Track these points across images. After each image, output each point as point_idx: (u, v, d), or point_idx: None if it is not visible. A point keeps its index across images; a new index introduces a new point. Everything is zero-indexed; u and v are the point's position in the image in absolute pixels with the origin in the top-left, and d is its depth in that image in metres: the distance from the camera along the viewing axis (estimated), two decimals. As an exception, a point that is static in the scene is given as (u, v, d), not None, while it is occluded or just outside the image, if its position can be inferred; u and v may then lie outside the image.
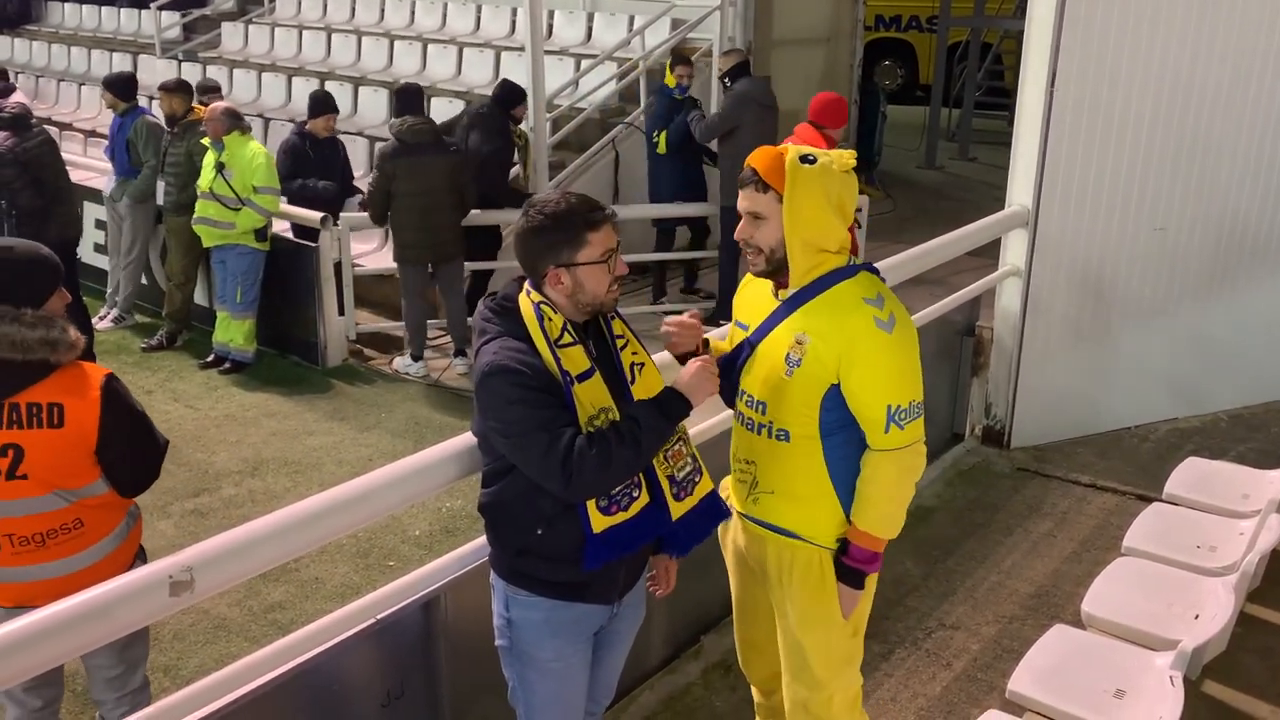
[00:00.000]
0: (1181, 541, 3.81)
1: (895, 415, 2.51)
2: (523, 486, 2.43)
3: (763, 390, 2.64)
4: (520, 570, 2.53)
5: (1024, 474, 5.30)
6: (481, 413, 2.42)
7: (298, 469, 5.77)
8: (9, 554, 2.85)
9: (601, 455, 2.31)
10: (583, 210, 2.42)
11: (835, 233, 2.55)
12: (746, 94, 7.15)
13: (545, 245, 2.41)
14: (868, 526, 2.61)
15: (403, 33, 11.30)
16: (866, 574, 2.67)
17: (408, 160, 6.58)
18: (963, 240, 4.98)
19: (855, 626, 2.76)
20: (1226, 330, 5.75)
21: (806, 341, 2.53)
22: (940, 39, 12.95)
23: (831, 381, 2.53)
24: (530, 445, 2.32)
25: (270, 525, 2.34)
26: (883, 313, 2.49)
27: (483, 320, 2.47)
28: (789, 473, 2.66)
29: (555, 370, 2.37)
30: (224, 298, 7.08)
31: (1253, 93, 5.34)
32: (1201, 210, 5.49)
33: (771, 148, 2.60)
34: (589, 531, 2.41)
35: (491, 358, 2.36)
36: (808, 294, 2.57)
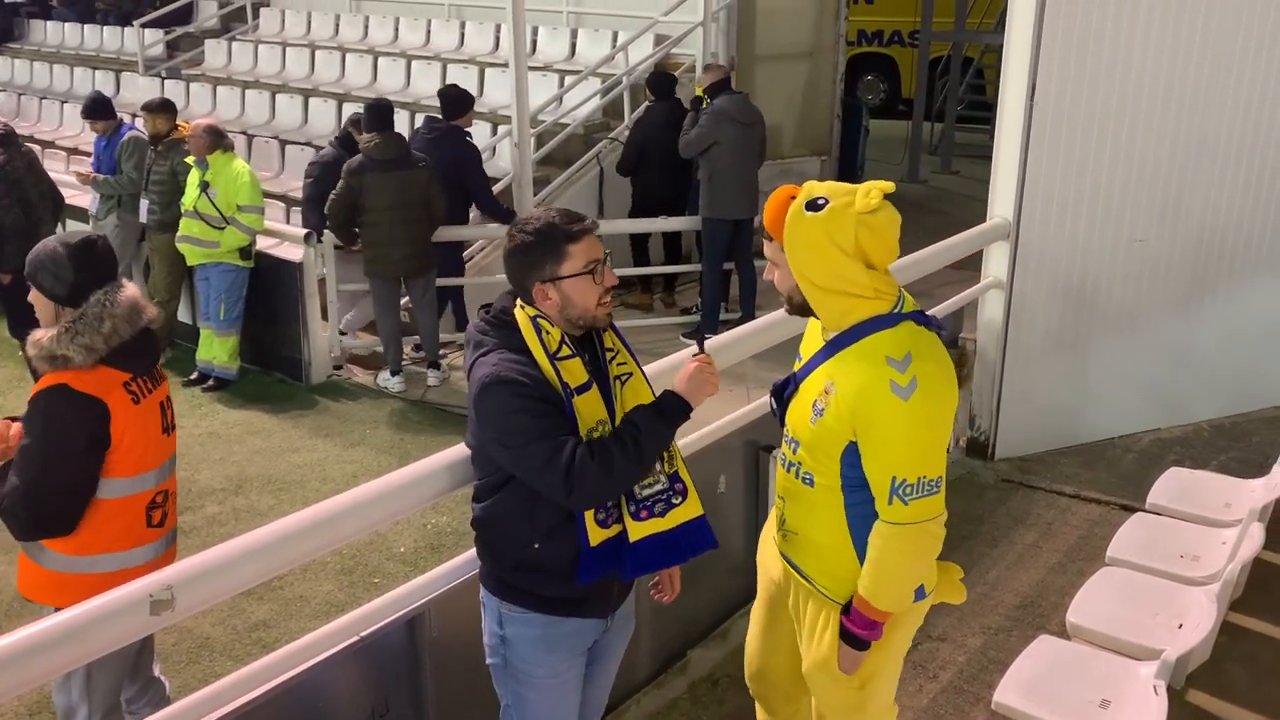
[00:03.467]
0: (1165, 551, 3.83)
1: (899, 489, 2.35)
2: (519, 499, 2.43)
3: (795, 430, 2.58)
4: (515, 585, 2.51)
5: (1009, 485, 5.32)
6: (480, 425, 2.40)
7: (281, 486, 5.74)
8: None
9: (603, 464, 2.31)
10: (562, 224, 2.43)
11: (854, 276, 2.37)
12: (724, 110, 7.19)
13: (529, 262, 2.42)
14: (867, 594, 2.48)
15: (387, 49, 11.30)
16: (866, 640, 2.53)
17: (376, 175, 6.58)
18: (946, 253, 5.00)
19: (863, 681, 2.63)
20: (1207, 340, 5.79)
21: (833, 392, 2.41)
22: (922, 53, 13.06)
23: (849, 439, 2.41)
24: (533, 455, 2.31)
25: (252, 543, 2.33)
26: (903, 377, 2.31)
27: (478, 333, 2.47)
28: (811, 518, 2.58)
29: (555, 382, 2.37)
30: (207, 315, 7.05)
31: (1229, 104, 5.39)
32: (1181, 221, 5.53)
33: (786, 191, 2.44)
34: (585, 545, 2.41)
35: (491, 369, 2.35)
36: (845, 340, 2.43)
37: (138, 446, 2.95)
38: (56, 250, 2.90)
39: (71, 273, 2.88)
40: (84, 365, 2.85)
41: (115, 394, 2.90)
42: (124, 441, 2.91)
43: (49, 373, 2.86)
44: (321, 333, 7.17)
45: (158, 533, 3.08)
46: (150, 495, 3.03)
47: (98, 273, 2.94)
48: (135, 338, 2.97)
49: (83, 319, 2.86)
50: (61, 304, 2.89)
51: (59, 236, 2.99)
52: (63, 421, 2.83)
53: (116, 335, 2.90)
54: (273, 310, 7.14)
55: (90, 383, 2.86)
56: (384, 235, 6.67)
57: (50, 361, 2.85)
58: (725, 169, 7.22)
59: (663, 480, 2.48)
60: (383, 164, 6.58)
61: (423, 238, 6.76)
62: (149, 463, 3.01)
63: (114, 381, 2.91)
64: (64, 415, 2.84)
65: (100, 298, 2.89)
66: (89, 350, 2.85)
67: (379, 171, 6.58)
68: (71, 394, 2.83)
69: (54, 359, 2.84)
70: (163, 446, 3.08)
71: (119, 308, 2.91)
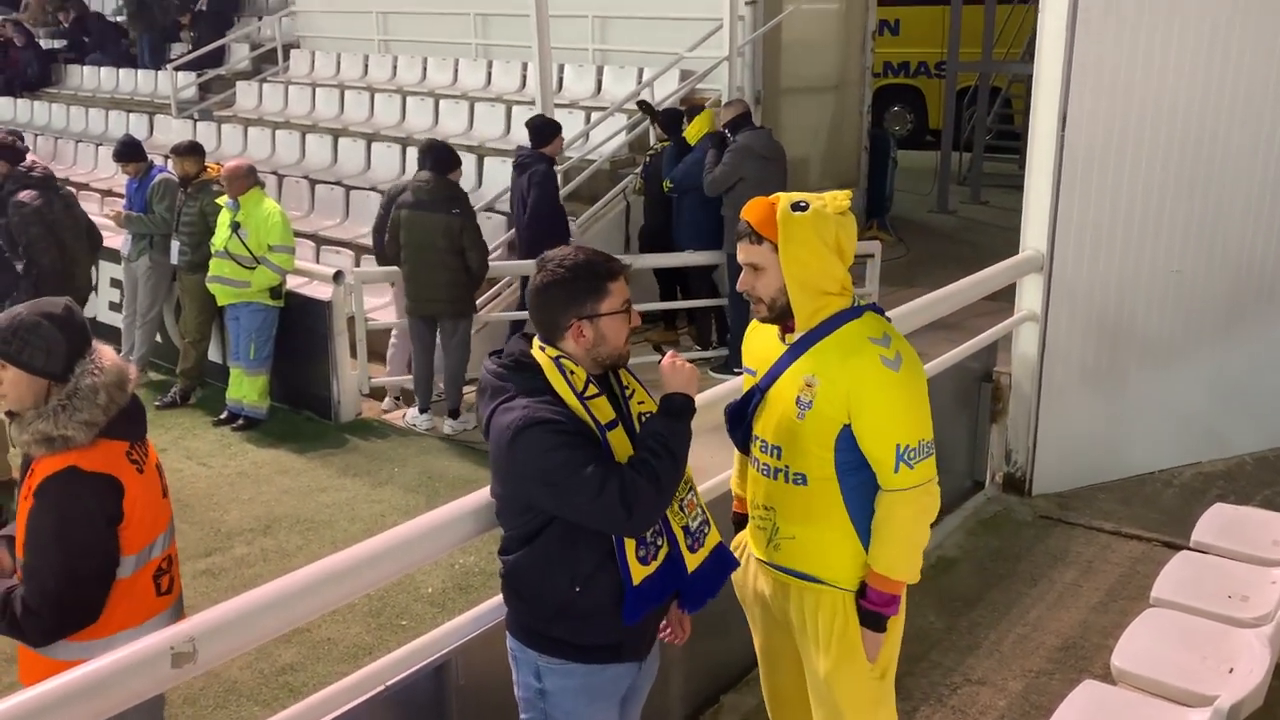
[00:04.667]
0: (1212, 591, 3.70)
1: (904, 455, 2.50)
2: (558, 544, 2.39)
3: (776, 435, 2.64)
4: (554, 636, 2.47)
5: (1047, 522, 5.20)
6: (514, 471, 2.36)
7: (310, 526, 5.72)
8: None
9: (650, 477, 2.30)
10: (601, 260, 2.42)
11: (835, 274, 2.57)
12: (747, 147, 7.17)
13: (568, 297, 2.39)
14: (884, 569, 2.60)
15: (415, 89, 11.42)
16: (886, 617, 2.64)
17: (409, 213, 6.64)
18: (978, 286, 4.94)
19: (883, 669, 2.72)
20: (1247, 371, 5.67)
21: (816, 384, 2.55)
22: (949, 84, 13.02)
23: (843, 422, 2.54)
24: (583, 487, 2.27)
25: (275, 593, 2.29)
26: (889, 351, 2.51)
27: (495, 380, 2.42)
28: (809, 516, 2.64)
29: (587, 419, 2.35)
30: (238, 354, 7.08)
31: (1265, 131, 5.31)
32: (1218, 250, 5.44)
33: (764, 199, 2.61)
34: (629, 584, 2.38)
35: (522, 413, 2.31)
36: (814, 336, 2.59)
37: (147, 517, 2.77)
38: (40, 323, 2.66)
39: (64, 344, 2.67)
40: (85, 443, 2.63)
41: (122, 467, 2.71)
42: (134, 515, 2.71)
43: (46, 457, 2.63)
44: (350, 371, 7.18)
45: (167, 600, 2.90)
46: (157, 563, 2.84)
47: (80, 340, 2.72)
48: (128, 403, 2.77)
49: (77, 394, 2.64)
50: (54, 379, 2.66)
51: (28, 307, 2.72)
52: (82, 506, 2.61)
53: (114, 405, 2.70)
54: (302, 349, 7.16)
55: (98, 460, 2.65)
56: (414, 274, 6.72)
57: (48, 444, 2.62)
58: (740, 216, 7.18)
59: (700, 511, 2.52)
60: (417, 204, 6.63)
61: (454, 284, 6.73)
62: (156, 532, 2.83)
63: (118, 454, 2.71)
64: (81, 499, 2.61)
65: (87, 367, 2.68)
66: (89, 426, 2.64)
67: (412, 210, 6.64)
68: (84, 475, 2.61)
69: (52, 441, 2.61)
70: (163, 511, 2.89)
71: (108, 375, 2.70)
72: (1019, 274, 5.22)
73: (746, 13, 9.21)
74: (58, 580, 2.58)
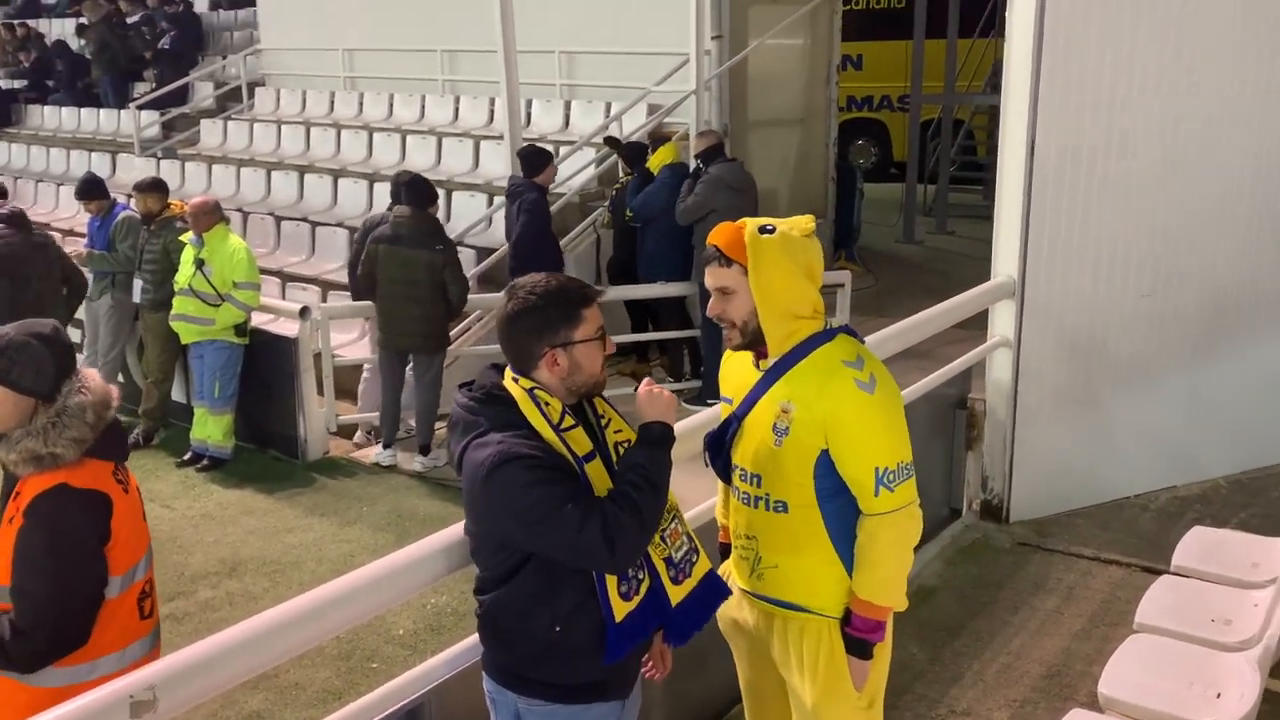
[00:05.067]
0: (1195, 616, 3.66)
1: (884, 477, 2.47)
2: (537, 582, 2.31)
3: (755, 463, 2.59)
4: (534, 678, 2.38)
5: (1025, 549, 5.17)
6: (490, 510, 2.28)
7: (277, 568, 5.58)
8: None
9: (631, 511, 2.23)
10: (574, 286, 2.36)
11: (806, 297, 2.55)
12: (719, 178, 7.17)
13: (540, 325, 2.32)
14: (868, 595, 2.55)
15: (382, 125, 11.38)
16: (872, 644, 2.58)
17: (388, 248, 6.57)
18: (951, 312, 4.92)
19: (870, 698, 2.66)
20: (1219, 394, 5.68)
21: (792, 410, 2.51)
22: (913, 116, 13.14)
23: (821, 447, 2.51)
24: (562, 524, 2.19)
25: (239, 636, 2.19)
26: (863, 374, 2.48)
27: (467, 414, 2.34)
28: (791, 544, 2.60)
29: (564, 452, 2.28)
30: (202, 393, 6.95)
31: (1231, 158, 5.36)
32: (1188, 275, 5.47)
33: (730, 223, 2.59)
34: (611, 621, 2.30)
35: (497, 449, 2.23)
36: (788, 362, 2.55)
37: (132, 538, 2.79)
38: (29, 342, 2.68)
39: (52, 364, 2.69)
40: (74, 460, 2.66)
41: (110, 485, 2.73)
42: (121, 535, 2.73)
43: (34, 475, 2.64)
44: (317, 408, 7.06)
45: (149, 624, 2.92)
46: (140, 586, 2.87)
47: (67, 361, 2.76)
48: (112, 423, 2.81)
49: (65, 412, 2.66)
50: (42, 399, 2.68)
51: (15, 327, 2.76)
52: (73, 523, 2.62)
53: (101, 423, 2.73)
54: (268, 387, 7.04)
55: (87, 478, 2.67)
56: (389, 308, 6.64)
57: (37, 463, 2.63)
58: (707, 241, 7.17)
59: (685, 540, 2.44)
60: (397, 239, 6.56)
61: (430, 318, 6.65)
62: (139, 554, 2.85)
63: (105, 473, 2.74)
64: (72, 515, 2.62)
65: (74, 386, 2.72)
66: (78, 443, 2.66)
67: (391, 245, 6.57)
68: (75, 492, 2.63)
69: (41, 459, 2.62)
70: (144, 534, 2.92)
71: (94, 394, 2.74)
72: (992, 300, 5.22)
73: (713, 47, 9.25)
74: (50, 599, 2.57)
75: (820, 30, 10.46)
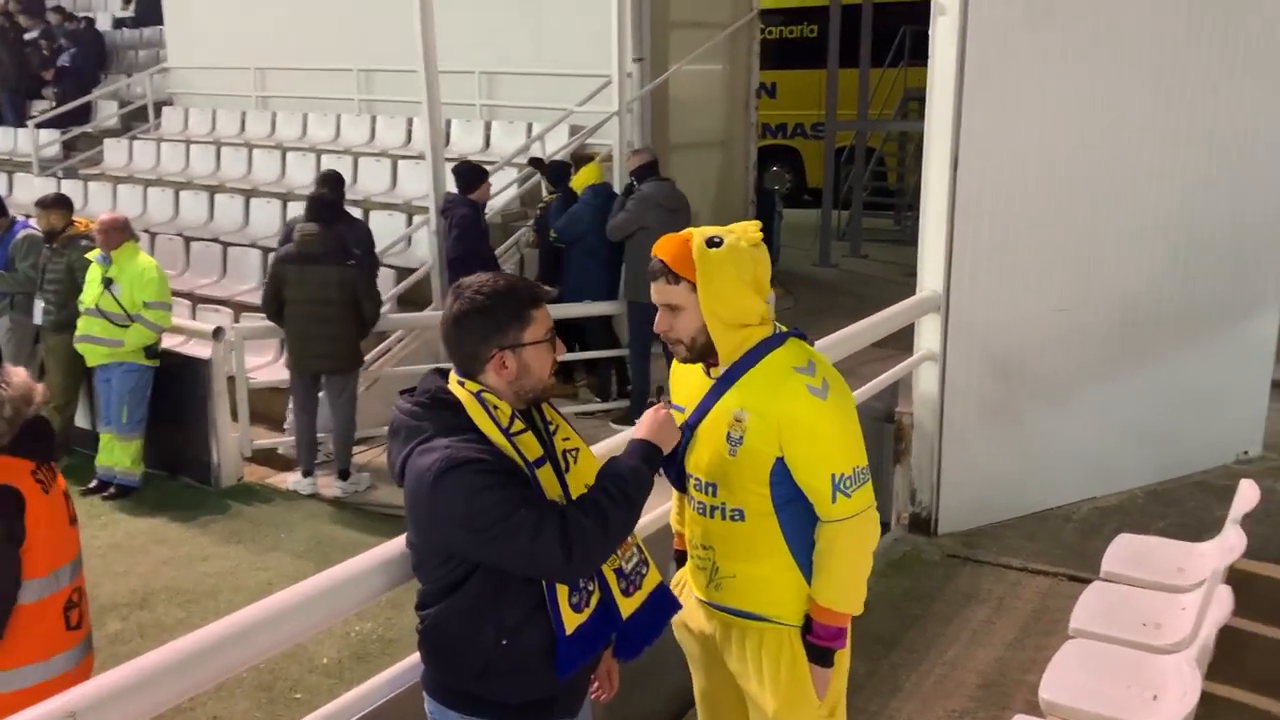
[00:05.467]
0: (1126, 620, 3.72)
1: (840, 483, 2.44)
2: (483, 594, 2.21)
3: (710, 472, 2.54)
4: (480, 696, 2.27)
5: (955, 560, 5.22)
6: (436, 518, 2.16)
7: (191, 598, 5.35)
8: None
9: (597, 519, 2.14)
10: (523, 286, 2.29)
11: (754, 307, 2.50)
12: (650, 196, 7.17)
13: (489, 326, 2.24)
14: (828, 602, 2.52)
15: (295, 144, 11.16)
16: (833, 651, 2.55)
17: (297, 268, 6.37)
18: (880, 326, 4.96)
19: (831, 706, 2.62)
20: (1133, 407, 5.84)
21: (745, 418, 2.46)
22: (828, 143, 13.37)
23: (775, 455, 2.46)
24: (516, 530, 2.08)
25: (170, 657, 2.05)
26: (815, 380, 2.44)
27: (410, 419, 2.24)
28: (749, 553, 2.54)
29: (515, 456, 2.19)
30: (109, 419, 6.65)
31: (1142, 180, 5.53)
32: (1103, 291, 5.61)
33: (676, 235, 2.53)
34: (561, 634, 2.21)
35: (444, 453, 2.12)
36: (739, 369, 2.50)
37: (51, 541, 2.70)
38: None
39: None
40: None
41: (25, 482, 2.66)
42: (38, 535, 2.65)
43: None
44: (231, 433, 6.82)
45: (76, 636, 2.81)
46: (67, 594, 2.77)
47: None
48: (33, 421, 2.73)
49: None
50: None
51: None
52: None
53: (19, 418, 2.65)
54: (179, 411, 6.78)
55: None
56: (301, 330, 6.43)
57: None
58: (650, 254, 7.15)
59: (635, 551, 2.37)
60: (306, 257, 6.36)
61: (344, 338, 6.48)
62: (62, 557, 2.76)
63: (21, 470, 2.67)
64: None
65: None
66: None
67: (300, 264, 6.37)
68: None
69: None
70: (72, 539, 2.84)
71: (13, 390, 2.66)
72: (918, 314, 5.28)
73: (634, 69, 9.27)
74: None
75: (740, 55, 10.59)
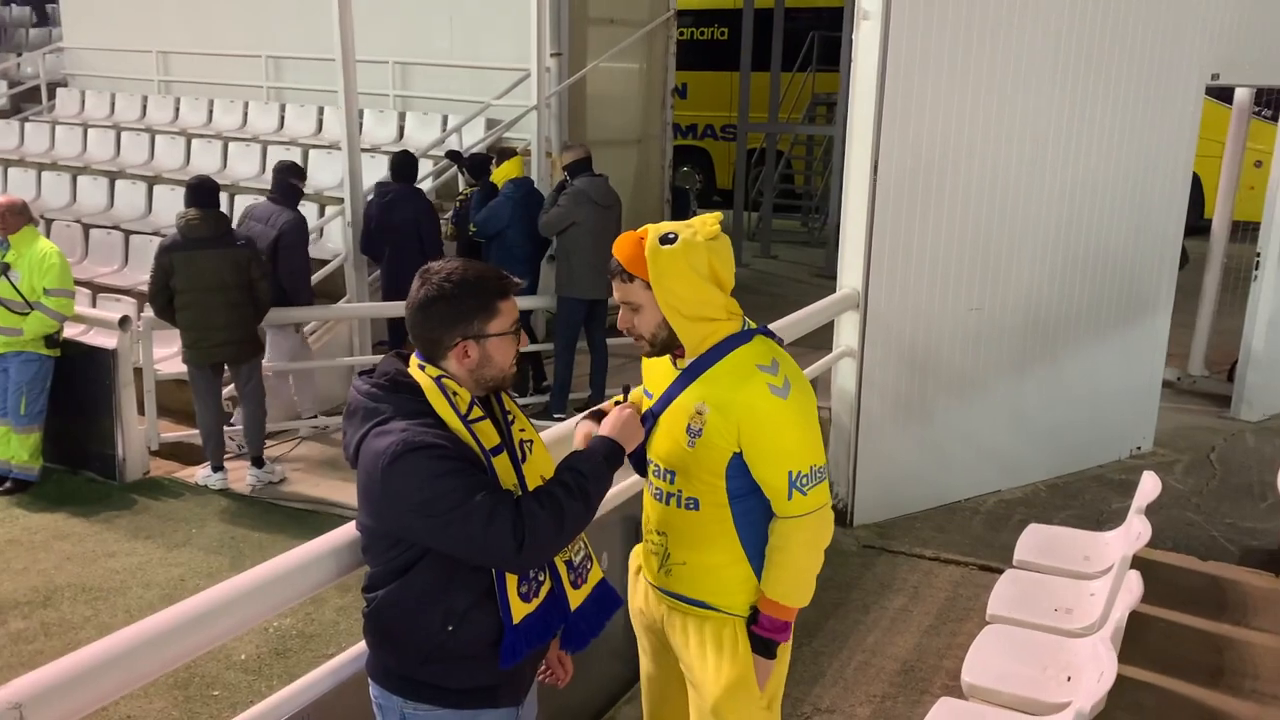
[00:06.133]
0: (1039, 606, 3.89)
1: (797, 481, 2.47)
2: (431, 580, 2.20)
3: (669, 460, 2.57)
4: (425, 681, 2.27)
5: (871, 551, 5.36)
6: (387, 502, 2.15)
7: (99, 595, 5.17)
8: None
9: (553, 512, 2.15)
10: (492, 277, 2.27)
11: (715, 301, 2.49)
12: (583, 192, 7.18)
13: (455, 314, 2.23)
14: (777, 595, 2.55)
15: (200, 131, 10.83)
16: (777, 643, 2.60)
17: (184, 255, 6.14)
18: (803, 322, 5.06)
19: (770, 697, 2.67)
20: (1037, 404, 6.09)
21: (706, 412, 2.49)
22: (740, 145, 13.57)
23: (734, 450, 2.48)
24: (470, 516, 2.08)
25: (124, 643, 1.99)
26: (777, 379, 2.46)
27: (368, 400, 2.23)
28: (700, 542, 2.58)
29: (472, 443, 2.19)
30: (5, 410, 6.37)
31: (1047, 186, 5.77)
32: (1010, 291, 5.83)
33: (632, 234, 2.52)
34: (508, 623, 2.21)
35: (400, 436, 2.11)
36: (705, 363, 2.52)
37: None
38: None
39: None
40: None
41: None
42: None
43: None
44: (137, 426, 6.60)
45: None
46: None
47: None
48: None
49: None
50: None
51: None
52: None
53: None
54: (81, 403, 6.53)
55: None
56: (196, 319, 6.20)
57: None
58: (583, 249, 7.16)
59: (582, 545, 2.40)
60: (193, 243, 6.14)
61: (243, 322, 6.30)
62: None
63: None
64: None
65: None
66: None
67: (188, 250, 6.14)
68: None
69: None
70: None
71: None
72: (838, 311, 5.41)
73: (552, 64, 9.29)
74: None
75: (656, 54, 10.68)
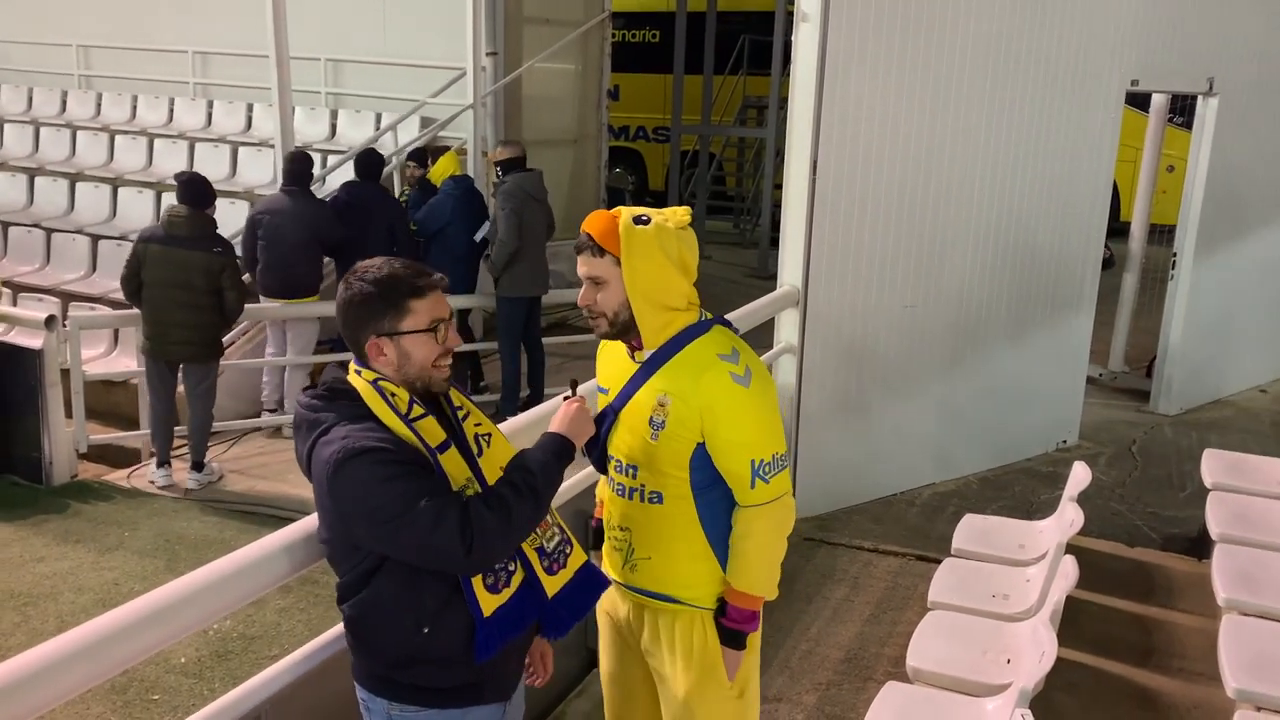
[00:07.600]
0: (978, 592, 4.01)
1: (759, 469, 2.49)
2: (397, 584, 2.18)
3: (631, 455, 2.58)
4: (407, 682, 2.26)
5: (812, 543, 5.45)
6: (336, 510, 2.14)
7: (28, 600, 5.04)
8: None
9: (501, 513, 2.13)
10: (406, 275, 2.25)
11: (679, 289, 2.52)
12: (520, 189, 7.17)
13: (368, 314, 2.22)
14: (744, 585, 2.57)
15: (124, 127, 10.57)
16: (746, 633, 2.62)
17: (159, 248, 6.14)
18: (743, 320, 5.09)
19: (741, 688, 2.68)
20: (968, 399, 6.25)
21: (668, 403, 2.50)
22: (674, 146, 13.67)
23: (697, 441, 2.50)
24: (417, 521, 2.06)
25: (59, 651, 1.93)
26: (738, 367, 2.48)
27: (310, 412, 2.21)
28: (665, 536, 2.59)
29: (417, 443, 2.18)
30: (-77, 412, 6.18)
31: (979, 182, 5.93)
32: (942, 289, 5.98)
33: (604, 211, 2.55)
34: (479, 616, 2.20)
35: (342, 443, 2.10)
36: (664, 355, 2.53)
37: None
38: None
39: None
40: None
41: None
42: None
43: None
44: (65, 429, 6.43)
45: None
46: None
47: None
48: None
49: None
50: None
51: None
52: None
53: None
54: (4, 405, 6.35)
55: None
56: (158, 314, 6.18)
57: None
58: (524, 247, 7.15)
59: (557, 531, 2.39)
60: (171, 239, 6.13)
61: (203, 326, 6.25)
62: None
63: None
64: None
65: None
66: None
67: (164, 245, 6.13)
68: None
69: None
70: None
71: None
72: (779, 308, 5.49)
73: (488, 64, 9.26)
74: None
75: (591, 55, 10.70)
